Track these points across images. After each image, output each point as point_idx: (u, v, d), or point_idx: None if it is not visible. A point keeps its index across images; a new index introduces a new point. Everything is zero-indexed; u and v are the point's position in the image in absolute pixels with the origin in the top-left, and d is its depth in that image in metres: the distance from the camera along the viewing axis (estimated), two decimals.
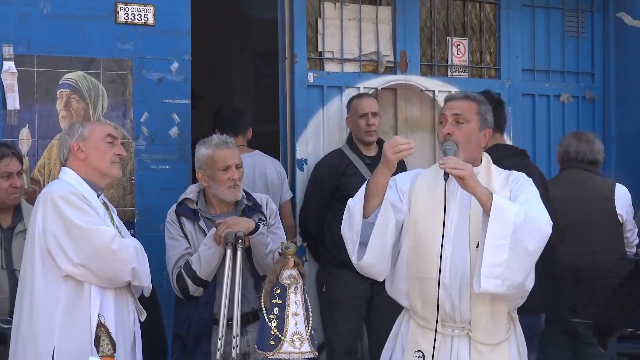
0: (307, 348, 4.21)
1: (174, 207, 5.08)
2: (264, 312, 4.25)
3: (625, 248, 5.95)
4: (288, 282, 4.27)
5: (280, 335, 4.18)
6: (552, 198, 5.28)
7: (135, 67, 5.82)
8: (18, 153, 5.23)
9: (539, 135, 7.62)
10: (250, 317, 4.96)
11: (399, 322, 4.49)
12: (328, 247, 6.36)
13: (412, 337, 4.37)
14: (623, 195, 5.88)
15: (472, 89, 7.15)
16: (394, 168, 4.17)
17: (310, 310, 4.32)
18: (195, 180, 5.17)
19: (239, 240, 4.73)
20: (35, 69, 5.56)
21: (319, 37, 6.86)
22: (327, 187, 6.38)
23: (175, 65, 5.94)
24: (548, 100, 7.70)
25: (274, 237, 5.04)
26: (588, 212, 5.75)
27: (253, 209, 5.09)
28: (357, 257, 4.22)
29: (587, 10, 7.87)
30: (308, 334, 4.24)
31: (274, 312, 4.22)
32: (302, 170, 6.67)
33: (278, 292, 4.25)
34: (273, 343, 4.18)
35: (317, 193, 6.44)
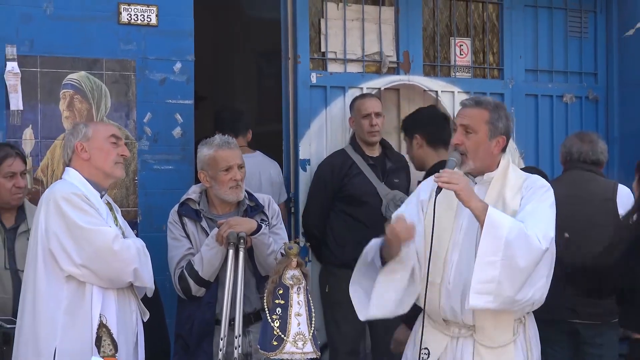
0: (309, 348, 4.21)
1: (176, 207, 5.08)
2: (267, 312, 4.26)
3: None
4: (291, 282, 4.27)
5: (283, 336, 4.18)
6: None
7: (138, 67, 5.82)
8: (21, 153, 5.23)
9: (542, 136, 7.60)
10: (252, 317, 4.96)
11: (418, 319, 4.51)
12: (331, 247, 6.36)
13: (423, 334, 4.39)
14: (625, 196, 5.85)
15: (475, 90, 7.23)
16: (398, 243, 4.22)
17: (313, 311, 4.32)
18: (198, 181, 5.17)
19: (241, 241, 4.72)
20: (39, 70, 5.56)
21: (322, 37, 6.85)
22: (330, 187, 6.37)
23: (178, 66, 5.95)
24: (551, 101, 7.69)
25: (276, 237, 5.03)
26: (590, 212, 5.73)
27: (255, 209, 5.09)
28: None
29: (590, 11, 7.86)
30: (311, 334, 4.24)
31: (277, 312, 4.22)
32: (305, 171, 6.67)
33: (281, 292, 4.26)
34: (276, 343, 4.19)
35: (320, 193, 6.43)
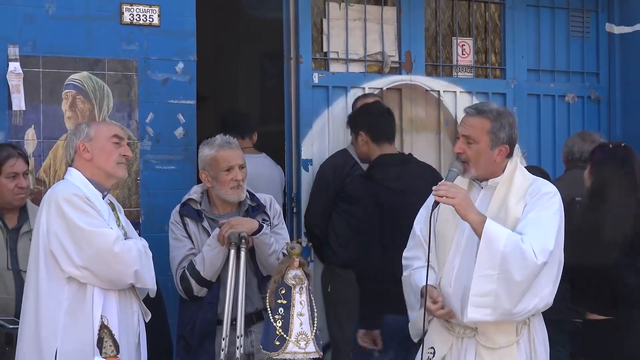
0: (312, 348, 4.21)
1: (178, 207, 5.09)
2: (269, 312, 4.26)
3: None
4: (293, 282, 4.27)
5: (285, 336, 4.19)
6: None
7: (141, 67, 5.82)
8: (24, 154, 5.23)
9: (544, 136, 7.60)
10: (254, 317, 4.97)
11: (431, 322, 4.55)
12: (333, 247, 6.35)
13: (429, 333, 4.43)
14: None
15: (477, 89, 7.23)
16: None
17: (316, 311, 4.33)
18: (200, 181, 5.17)
19: (243, 241, 4.72)
20: (41, 70, 5.56)
21: (324, 37, 6.85)
22: (332, 187, 6.37)
23: (181, 66, 5.95)
24: (553, 101, 7.69)
25: (278, 237, 5.04)
26: None
27: (256, 209, 5.09)
28: None
29: (592, 10, 7.86)
30: (313, 334, 4.24)
31: (279, 312, 4.22)
32: (307, 171, 6.66)
33: (283, 292, 4.26)
34: (278, 343, 4.19)
35: (322, 193, 6.42)
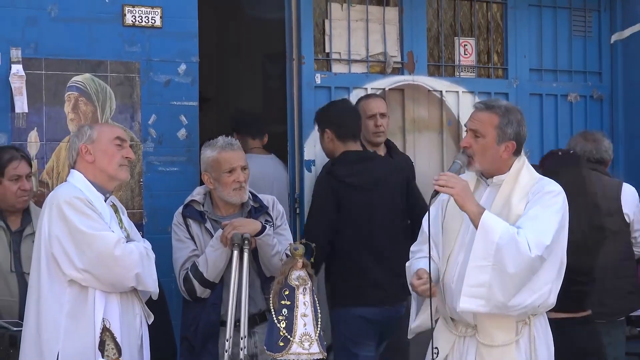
0: (316, 349, 4.22)
1: (181, 209, 5.09)
2: (273, 313, 4.26)
3: (633, 248, 5.93)
4: (297, 283, 4.28)
5: (289, 336, 4.19)
6: None
7: (143, 69, 5.82)
8: (27, 156, 5.23)
9: (547, 135, 7.58)
10: (258, 318, 4.97)
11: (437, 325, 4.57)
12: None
13: (435, 334, 4.45)
14: (630, 195, 5.84)
15: (479, 89, 7.22)
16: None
17: (319, 311, 4.33)
18: (203, 182, 5.18)
19: (246, 242, 4.73)
20: (43, 72, 5.57)
21: (326, 38, 6.85)
22: None
23: (183, 67, 5.95)
24: (555, 100, 7.67)
25: (281, 238, 5.04)
26: None
27: (259, 211, 5.09)
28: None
29: (594, 10, 7.85)
30: (317, 335, 4.25)
31: (283, 313, 4.23)
32: (310, 171, 6.65)
33: (287, 293, 4.27)
34: (282, 344, 4.19)
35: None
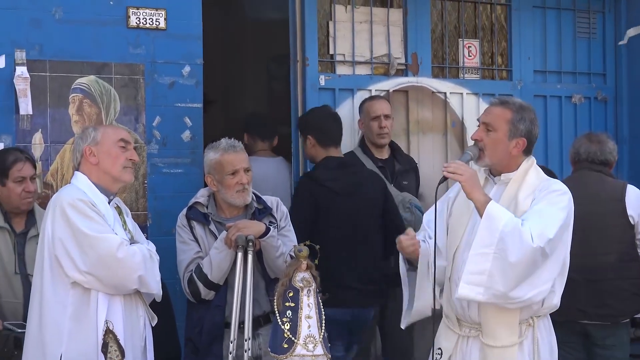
0: (320, 351, 4.22)
1: (185, 211, 5.08)
2: (277, 315, 4.26)
3: (637, 250, 5.92)
4: (301, 284, 4.27)
5: (293, 338, 4.19)
6: None
7: (147, 71, 5.83)
8: (31, 158, 5.24)
9: (551, 137, 7.59)
10: (262, 320, 4.97)
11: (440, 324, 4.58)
12: None
13: (438, 335, 4.47)
14: (634, 197, 5.83)
15: (483, 91, 7.22)
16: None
17: (323, 313, 4.32)
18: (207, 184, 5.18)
19: (250, 244, 4.72)
20: (48, 74, 5.57)
21: (330, 39, 6.85)
22: None
23: (187, 69, 5.95)
24: (560, 102, 7.68)
25: (285, 239, 5.03)
26: (598, 213, 5.72)
27: (263, 212, 5.09)
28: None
29: (598, 11, 7.85)
30: (321, 337, 4.25)
31: (287, 315, 4.23)
32: None
33: (291, 295, 4.26)
34: (286, 346, 4.19)
35: None
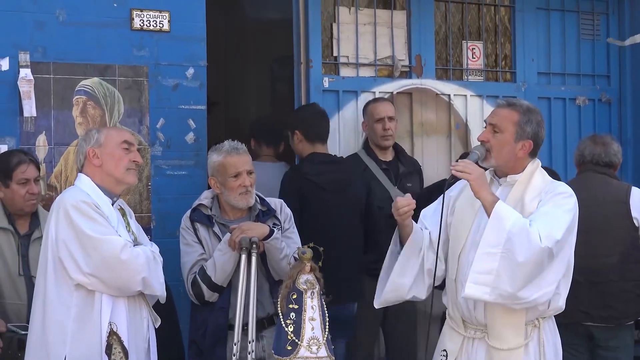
0: (323, 353, 4.22)
1: (189, 213, 5.08)
2: (281, 317, 4.26)
3: None
4: (305, 287, 4.28)
5: (297, 340, 4.19)
6: None
7: (151, 73, 5.83)
8: (35, 160, 5.24)
9: (555, 139, 7.59)
10: (266, 322, 4.96)
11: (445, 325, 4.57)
12: None
13: (442, 336, 4.47)
14: (639, 199, 5.83)
15: (487, 93, 7.23)
16: (409, 222, 4.37)
17: (327, 315, 4.32)
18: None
19: (254, 246, 4.72)
20: (52, 76, 5.58)
21: (334, 41, 6.86)
22: None
23: (191, 71, 5.95)
24: (564, 104, 7.67)
25: (289, 241, 5.03)
26: (602, 215, 5.71)
27: (267, 214, 5.09)
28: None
29: (602, 13, 7.85)
30: (325, 339, 4.25)
31: (291, 317, 4.23)
32: None
33: (295, 297, 4.27)
34: (290, 348, 4.19)
35: None
